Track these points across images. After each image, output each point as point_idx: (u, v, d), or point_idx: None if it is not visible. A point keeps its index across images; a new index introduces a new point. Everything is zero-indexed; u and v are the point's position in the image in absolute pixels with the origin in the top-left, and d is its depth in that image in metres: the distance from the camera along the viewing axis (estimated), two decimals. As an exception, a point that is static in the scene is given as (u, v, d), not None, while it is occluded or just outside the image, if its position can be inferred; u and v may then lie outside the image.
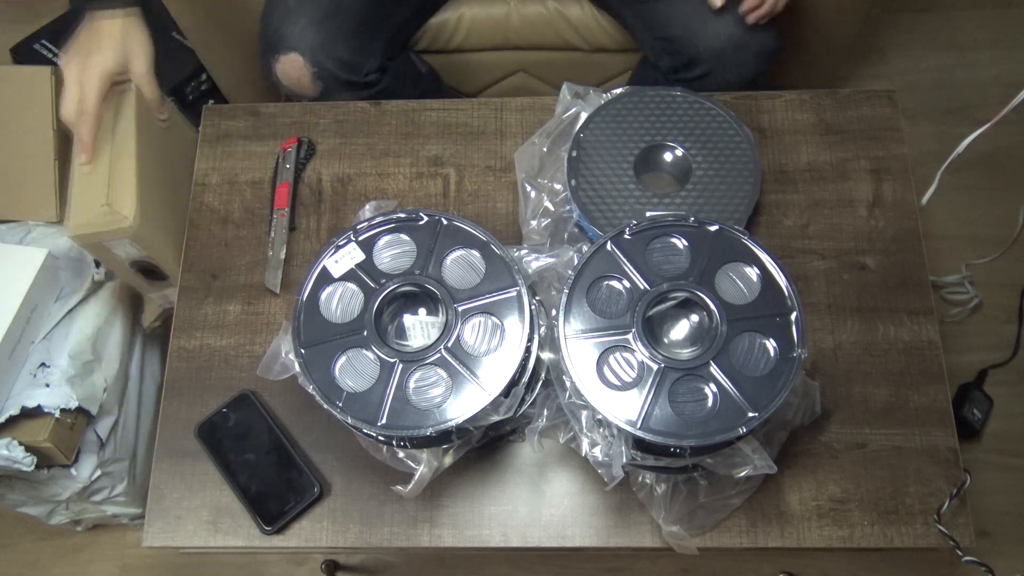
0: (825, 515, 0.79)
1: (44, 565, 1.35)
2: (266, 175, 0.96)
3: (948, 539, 0.76)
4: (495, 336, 0.70)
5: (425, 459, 0.75)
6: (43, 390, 1.03)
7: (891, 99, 0.96)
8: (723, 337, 0.67)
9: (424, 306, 0.74)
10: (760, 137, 0.95)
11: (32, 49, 1.35)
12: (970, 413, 1.35)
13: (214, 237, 0.93)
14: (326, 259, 0.73)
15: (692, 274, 0.70)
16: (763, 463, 0.68)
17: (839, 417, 0.82)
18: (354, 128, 0.98)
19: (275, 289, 0.89)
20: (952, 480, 0.79)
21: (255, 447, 0.82)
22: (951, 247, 1.49)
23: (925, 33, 1.70)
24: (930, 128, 1.58)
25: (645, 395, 0.66)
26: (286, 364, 0.70)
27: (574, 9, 1.21)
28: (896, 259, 0.89)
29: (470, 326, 0.70)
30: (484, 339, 0.70)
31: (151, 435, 1.26)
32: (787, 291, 0.69)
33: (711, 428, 0.65)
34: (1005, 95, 0.91)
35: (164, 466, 0.83)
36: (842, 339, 0.85)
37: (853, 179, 0.93)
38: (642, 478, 0.76)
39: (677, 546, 0.76)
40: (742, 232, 0.71)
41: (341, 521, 0.80)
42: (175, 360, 0.88)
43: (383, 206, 0.78)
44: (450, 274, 0.72)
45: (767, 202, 0.92)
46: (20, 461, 1.00)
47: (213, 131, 0.99)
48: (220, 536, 0.80)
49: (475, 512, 0.80)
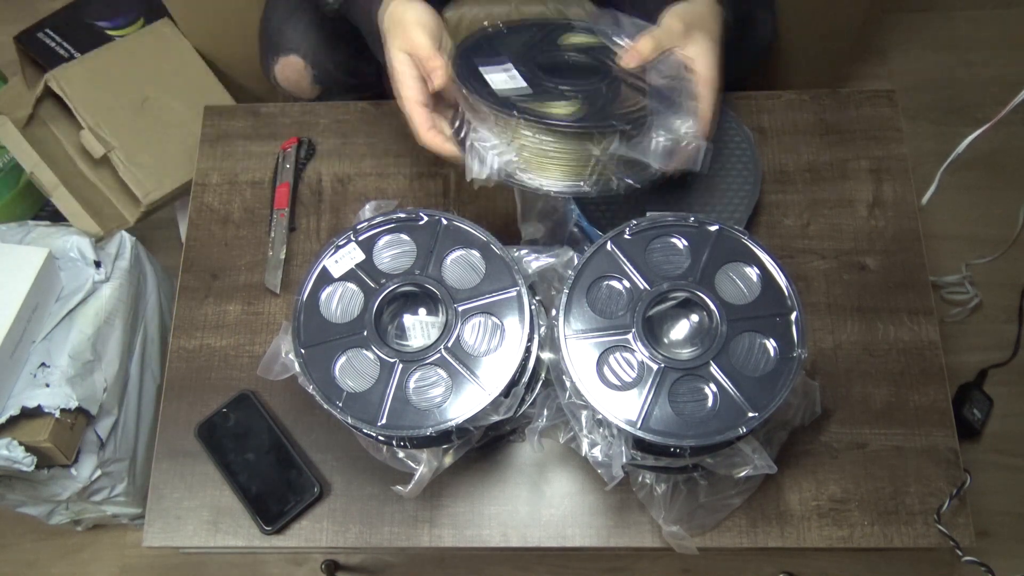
0: (825, 515, 0.79)
1: (44, 565, 1.35)
2: (266, 175, 0.96)
3: (948, 539, 0.76)
4: (495, 336, 0.70)
5: (425, 459, 0.75)
6: (43, 390, 1.03)
7: (891, 99, 0.96)
8: (723, 337, 0.67)
9: (424, 306, 0.73)
10: (760, 137, 0.95)
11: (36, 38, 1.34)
12: (970, 413, 1.35)
13: (214, 237, 0.93)
14: (326, 259, 0.73)
15: (692, 274, 0.70)
16: (763, 463, 0.68)
17: (839, 417, 0.82)
18: (354, 128, 0.98)
19: (275, 289, 0.89)
20: (952, 480, 0.79)
21: (255, 447, 0.83)
22: (951, 247, 1.49)
23: (925, 33, 1.70)
24: (930, 128, 1.58)
25: (645, 395, 0.66)
26: (286, 364, 0.70)
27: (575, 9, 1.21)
28: (896, 259, 0.89)
29: (470, 326, 0.70)
30: (484, 339, 0.70)
31: (151, 435, 1.26)
32: (787, 291, 0.69)
33: (711, 428, 0.65)
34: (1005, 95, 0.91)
35: (164, 466, 0.83)
36: (842, 339, 0.85)
37: (853, 179, 0.93)
38: (642, 478, 0.76)
39: (677, 546, 0.76)
40: (742, 232, 0.71)
41: (341, 521, 0.80)
42: (175, 360, 0.88)
43: (383, 206, 0.78)
44: (450, 274, 0.72)
45: (767, 202, 0.92)
46: (20, 461, 1.00)
47: (213, 131, 0.99)
48: (220, 536, 0.80)
49: (475, 512, 0.80)
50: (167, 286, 1.32)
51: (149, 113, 1.24)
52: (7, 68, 1.45)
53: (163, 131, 1.24)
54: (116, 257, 1.17)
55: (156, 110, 1.24)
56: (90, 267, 1.12)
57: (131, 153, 1.20)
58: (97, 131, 1.19)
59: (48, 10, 1.39)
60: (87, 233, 1.17)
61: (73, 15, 1.37)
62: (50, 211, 1.42)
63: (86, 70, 1.22)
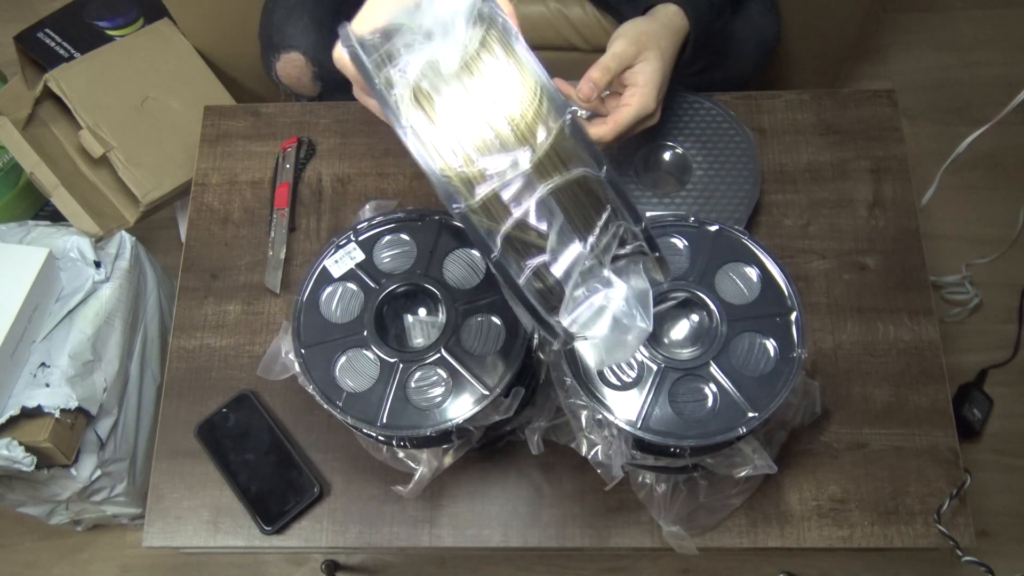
0: (825, 515, 0.79)
1: (44, 565, 1.35)
2: (266, 175, 0.96)
3: (948, 539, 0.76)
4: (495, 336, 0.70)
5: (425, 459, 0.75)
6: (43, 390, 1.03)
7: (891, 99, 0.96)
8: (723, 337, 0.67)
9: (424, 306, 0.73)
10: (760, 137, 0.95)
11: (36, 38, 1.34)
12: (970, 413, 1.35)
13: (214, 237, 0.93)
14: (326, 259, 0.73)
15: (692, 274, 0.70)
16: (763, 463, 0.68)
17: (839, 417, 0.82)
18: (354, 128, 0.98)
19: (275, 289, 0.89)
20: (952, 480, 0.79)
21: (255, 447, 0.82)
22: (951, 247, 1.49)
23: (925, 33, 1.70)
24: (930, 128, 1.58)
25: (645, 395, 0.66)
26: (286, 364, 0.70)
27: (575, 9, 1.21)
28: (896, 259, 0.89)
29: (470, 326, 0.70)
30: (484, 339, 0.70)
31: (151, 435, 1.25)
32: (787, 291, 0.69)
33: (711, 428, 0.65)
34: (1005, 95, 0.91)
35: (164, 466, 0.83)
36: (842, 339, 0.85)
37: (853, 179, 0.93)
38: (642, 478, 0.76)
39: (677, 546, 0.76)
40: (742, 232, 0.71)
41: (341, 521, 0.80)
42: (175, 360, 0.88)
43: (383, 206, 0.78)
44: (450, 274, 0.72)
45: (767, 202, 0.92)
46: (20, 461, 1.00)
47: (213, 131, 0.99)
48: (220, 536, 0.80)
49: (475, 512, 0.80)
50: (167, 286, 1.32)
51: (149, 113, 1.24)
52: (7, 68, 1.45)
53: (163, 131, 1.24)
54: (116, 257, 1.17)
55: (156, 110, 1.24)
56: (90, 267, 1.12)
57: (131, 153, 1.20)
58: (96, 131, 1.19)
59: (48, 10, 1.39)
60: (87, 233, 1.17)
61: (73, 15, 1.37)
62: (50, 211, 1.42)
63: (86, 70, 1.22)
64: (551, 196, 0.48)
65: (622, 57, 0.77)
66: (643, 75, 0.78)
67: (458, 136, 0.47)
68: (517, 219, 0.47)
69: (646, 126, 0.81)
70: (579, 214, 0.49)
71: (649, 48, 0.78)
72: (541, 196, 0.47)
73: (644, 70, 0.78)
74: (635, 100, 0.77)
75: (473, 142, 0.47)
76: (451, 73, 0.47)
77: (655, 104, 0.78)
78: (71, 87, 1.19)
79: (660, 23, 0.81)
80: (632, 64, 0.78)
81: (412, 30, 0.48)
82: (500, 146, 0.47)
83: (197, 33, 1.29)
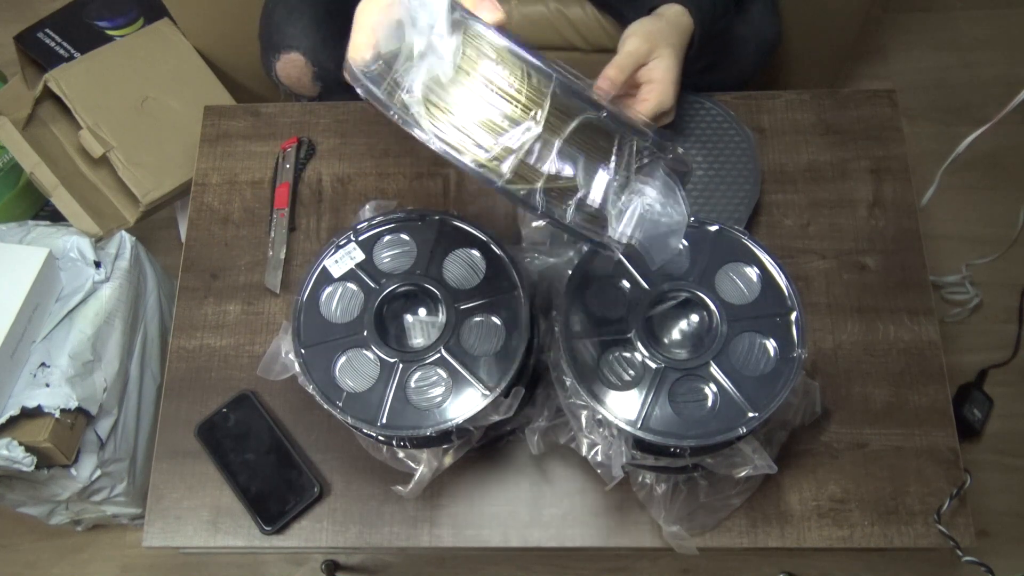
0: (825, 515, 0.79)
1: (44, 565, 1.35)
2: (266, 175, 0.96)
3: (948, 539, 0.76)
4: (495, 336, 0.70)
5: (425, 459, 0.75)
6: (43, 390, 1.03)
7: (891, 99, 0.96)
8: (723, 337, 0.67)
9: (424, 306, 0.73)
10: (760, 137, 0.95)
11: (36, 38, 1.34)
12: (970, 413, 1.35)
13: (214, 237, 0.93)
14: (326, 259, 0.73)
15: (692, 274, 0.70)
16: (763, 463, 0.68)
17: (839, 417, 0.82)
18: (354, 128, 0.98)
19: (275, 289, 0.89)
20: (952, 480, 0.79)
21: (255, 447, 0.82)
22: (951, 247, 1.49)
23: (925, 33, 1.70)
24: (930, 128, 1.58)
25: (645, 395, 0.66)
26: (286, 364, 0.70)
27: (575, 9, 1.21)
28: (896, 259, 0.89)
29: (470, 326, 0.70)
30: (484, 339, 0.70)
31: (151, 435, 1.25)
32: (787, 291, 0.69)
33: (711, 428, 0.65)
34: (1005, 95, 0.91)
35: (164, 466, 0.83)
36: (842, 339, 0.85)
37: (853, 179, 0.93)
38: (642, 478, 0.76)
39: (677, 546, 0.76)
40: (742, 232, 0.71)
41: (341, 521, 0.80)
42: (175, 360, 0.88)
43: (383, 206, 0.78)
44: (450, 274, 0.72)
45: (767, 202, 0.92)
46: (20, 461, 1.00)
47: (213, 131, 0.99)
48: (220, 536, 0.80)
49: (475, 512, 0.80)
50: (167, 286, 1.32)
51: (149, 113, 1.24)
52: (7, 68, 1.45)
53: (163, 131, 1.24)
54: (116, 257, 1.17)
55: (156, 110, 1.24)
56: (90, 267, 1.12)
57: (130, 153, 1.20)
58: (96, 131, 1.19)
59: (48, 10, 1.39)
60: (87, 233, 1.17)
61: (73, 15, 1.37)
62: (50, 211, 1.42)
63: (86, 70, 1.22)
64: (566, 145, 0.55)
65: (636, 55, 0.78)
66: (658, 71, 0.78)
67: (475, 128, 0.54)
68: (547, 174, 0.55)
69: (663, 123, 0.82)
70: (595, 148, 0.56)
71: (661, 45, 0.79)
72: (559, 148, 0.55)
73: (659, 66, 0.78)
74: (653, 96, 0.78)
75: (488, 128, 0.54)
76: (450, 80, 0.54)
77: (673, 99, 0.79)
78: (71, 87, 1.19)
79: (667, 22, 0.82)
80: (646, 61, 0.79)
81: (407, 55, 0.55)
82: (511, 123, 0.54)
83: (197, 33, 1.29)
